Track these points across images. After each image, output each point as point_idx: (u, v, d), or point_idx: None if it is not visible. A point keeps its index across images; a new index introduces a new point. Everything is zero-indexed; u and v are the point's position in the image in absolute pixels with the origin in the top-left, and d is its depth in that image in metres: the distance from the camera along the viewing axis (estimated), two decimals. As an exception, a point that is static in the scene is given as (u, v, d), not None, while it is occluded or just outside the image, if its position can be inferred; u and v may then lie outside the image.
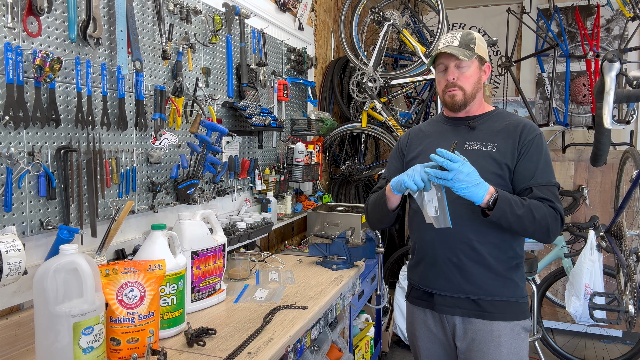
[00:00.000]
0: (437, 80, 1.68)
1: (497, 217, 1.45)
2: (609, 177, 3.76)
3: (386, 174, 1.82)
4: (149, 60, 1.85)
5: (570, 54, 4.13)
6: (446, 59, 1.61)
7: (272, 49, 2.83)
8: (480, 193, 1.41)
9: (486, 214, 1.47)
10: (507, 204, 1.45)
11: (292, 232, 3.27)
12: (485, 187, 1.43)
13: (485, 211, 1.47)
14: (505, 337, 1.57)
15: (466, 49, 1.59)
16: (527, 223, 1.47)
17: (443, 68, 1.63)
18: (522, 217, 1.46)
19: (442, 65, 1.63)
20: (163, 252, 1.48)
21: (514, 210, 1.45)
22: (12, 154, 1.33)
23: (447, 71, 1.62)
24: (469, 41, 1.60)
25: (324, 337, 2.20)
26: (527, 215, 1.46)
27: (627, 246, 2.57)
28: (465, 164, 1.39)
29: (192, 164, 2.01)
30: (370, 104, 3.59)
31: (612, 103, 2.01)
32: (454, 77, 1.61)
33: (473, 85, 1.62)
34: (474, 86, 1.63)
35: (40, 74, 1.36)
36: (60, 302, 1.16)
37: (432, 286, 1.65)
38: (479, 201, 1.43)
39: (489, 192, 1.43)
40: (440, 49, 1.60)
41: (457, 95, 1.62)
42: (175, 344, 1.45)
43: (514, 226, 1.47)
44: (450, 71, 1.61)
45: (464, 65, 1.60)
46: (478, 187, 1.41)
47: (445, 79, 1.63)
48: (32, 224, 1.42)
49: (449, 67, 1.61)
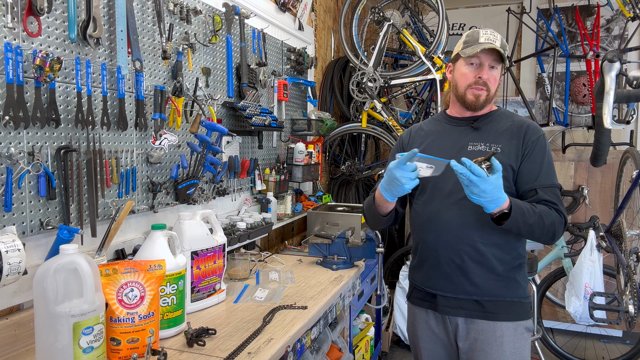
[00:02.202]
0: (462, 73, 1.61)
1: (509, 227, 1.45)
2: (609, 177, 3.76)
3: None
4: (149, 60, 1.85)
5: (570, 54, 4.13)
6: (485, 55, 1.57)
7: (272, 49, 2.83)
8: (491, 207, 1.41)
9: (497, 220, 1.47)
10: (520, 213, 1.44)
11: (292, 232, 3.27)
12: (499, 203, 1.40)
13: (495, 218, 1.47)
14: (508, 337, 1.57)
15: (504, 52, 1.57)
16: (536, 230, 1.48)
17: (477, 62, 1.59)
18: (533, 225, 1.46)
19: (477, 60, 1.58)
20: (163, 252, 1.48)
21: (526, 219, 1.45)
22: (12, 154, 1.33)
23: (482, 68, 1.58)
24: (504, 46, 1.58)
25: (324, 337, 2.20)
26: (539, 222, 1.47)
27: (627, 246, 2.57)
28: (487, 181, 1.35)
29: (192, 164, 2.01)
30: (370, 104, 3.59)
31: (612, 103, 2.01)
32: (487, 76, 1.58)
33: (496, 88, 1.62)
34: (496, 89, 1.63)
35: (40, 74, 1.36)
36: (60, 302, 1.16)
37: (434, 287, 1.64)
38: (487, 211, 1.43)
39: (500, 207, 1.42)
40: (486, 44, 1.54)
41: (482, 96, 1.60)
42: (175, 344, 1.45)
43: (523, 233, 1.48)
44: (485, 70, 1.58)
45: (498, 67, 1.59)
46: (490, 203, 1.40)
47: (475, 75, 1.59)
48: (32, 224, 1.42)
49: (484, 64, 1.58)
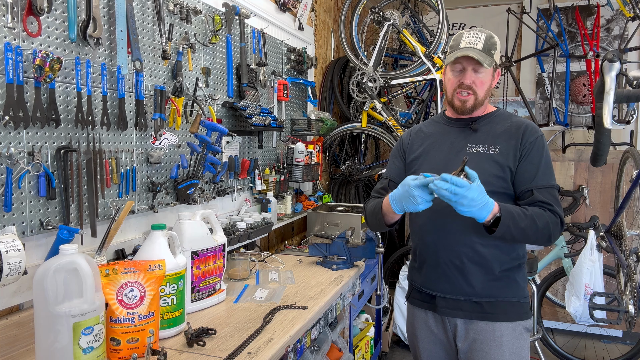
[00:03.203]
0: (449, 78, 1.62)
1: (501, 233, 1.44)
2: (609, 177, 3.76)
3: (387, 173, 1.81)
4: (149, 60, 1.85)
5: (570, 54, 4.13)
6: (466, 60, 1.56)
7: (272, 49, 2.83)
8: (483, 214, 1.40)
9: (490, 229, 1.47)
10: (510, 219, 1.44)
11: (292, 232, 3.27)
12: (489, 208, 1.41)
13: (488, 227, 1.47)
14: (507, 337, 1.57)
15: (487, 54, 1.55)
16: (530, 233, 1.47)
17: (460, 68, 1.59)
18: (526, 229, 1.46)
19: (460, 66, 1.58)
20: (163, 252, 1.48)
21: (517, 223, 1.45)
22: (12, 154, 1.33)
23: (465, 73, 1.58)
24: (491, 46, 1.56)
25: (324, 337, 2.20)
26: (531, 226, 1.46)
27: (627, 246, 2.57)
28: (471, 188, 1.35)
29: (192, 164, 2.01)
30: (370, 104, 3.58)
31: (612, 103, 2.01)
32: (471, 80, 1.57)
33: (485, 91, 1.60)
34: (486, 92, 1.61)
35: (40, 74, 1.36)
36: (60, 302, 1.16)
37: (434, 289, 1.65)
38: (481, 220, 1.43)
39: (492, 212, 1.42)
40: (464, 50, 1.54)
41: (469, 101, 1.59)
42: (175, 344, 1.45)
43: (517, 238, 1.47)
44: (468, 74, 1.57)
45: (482, 71, 1.57)
46: (482, 210, 1.39)
47: (459, 80, 1.59)
48: (32, 224, 1.42)
49: (466, 69, 1.57)
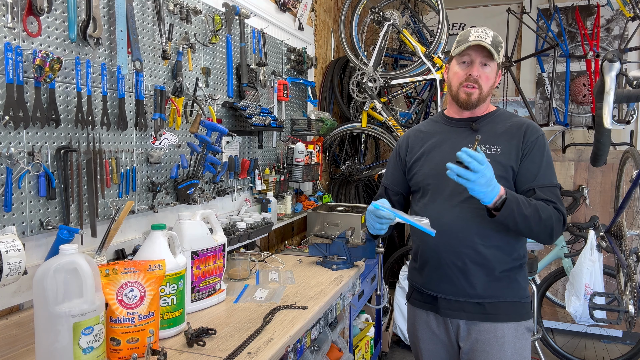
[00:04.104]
0: (455, 72, 1.61)
1: (504, 216, 1.44)
2: (609, 177, 3.76)
3: (384, 180, 1.82)
4: (149, 60, 1.85)
5: (570, 54, 4.13)
6: (475, 53, 1.56)
7: (272, 49, 2.83)
8: (493, 195, 1.41)
9: (492, 214, 1.47)
10: (515, 203, 1.44)
11: (292, 232, 3.27)
12: (497, 189, 1.42)
13: (491, 211, 1.47)
14: (509, 338, 1.57)
15: (495, 50, 1.55)
16: (532, 223, 1.46)
17: (468, 60, 1.58)
18: (529, 217, 1.45)
19: (468, 58, 1.57)
20: (163, 252, 1.48)
21: (521, 209, 1.44)
22: (12, 154, 1.33)
23: (472, 66, 1.57)
24: (498, 44, 1.57)
25: (324, 337, 2.20)
26: (534, 215, 1.46)
27: (627, 246, 2.57)
28: (489, 167, 1.38)
29: (192, 164, 2.01)
30: (370, 104, 3.58)
31: (612, 103, 2.01)
32: (478, 73, 1.57)
33: (490, 87, 1.60)
34: (489, 89, 1.61)
35: (40, 74, 1.36)
36: (60, 302, 1.16)
37: (436, 290, 1.64)
38: (488, 202, 1.43)
39: (499, 194, 1.42)
40: (475, 41, 1.53)
41: (474, 94, 1.59)
42: (175, 344, 1.45)
43: (520, 226, 1.46)
44: (476, 67, 1.56)
45: (490, 65, 1.57)
46: (493, 191, 1.40)
47: (466, 73, 1.58)
48: (32, 224, 1.42)
49: (475, 62, 1.57)
